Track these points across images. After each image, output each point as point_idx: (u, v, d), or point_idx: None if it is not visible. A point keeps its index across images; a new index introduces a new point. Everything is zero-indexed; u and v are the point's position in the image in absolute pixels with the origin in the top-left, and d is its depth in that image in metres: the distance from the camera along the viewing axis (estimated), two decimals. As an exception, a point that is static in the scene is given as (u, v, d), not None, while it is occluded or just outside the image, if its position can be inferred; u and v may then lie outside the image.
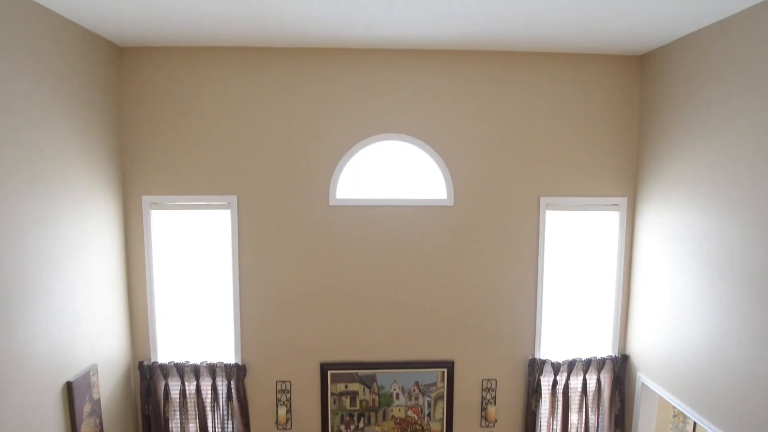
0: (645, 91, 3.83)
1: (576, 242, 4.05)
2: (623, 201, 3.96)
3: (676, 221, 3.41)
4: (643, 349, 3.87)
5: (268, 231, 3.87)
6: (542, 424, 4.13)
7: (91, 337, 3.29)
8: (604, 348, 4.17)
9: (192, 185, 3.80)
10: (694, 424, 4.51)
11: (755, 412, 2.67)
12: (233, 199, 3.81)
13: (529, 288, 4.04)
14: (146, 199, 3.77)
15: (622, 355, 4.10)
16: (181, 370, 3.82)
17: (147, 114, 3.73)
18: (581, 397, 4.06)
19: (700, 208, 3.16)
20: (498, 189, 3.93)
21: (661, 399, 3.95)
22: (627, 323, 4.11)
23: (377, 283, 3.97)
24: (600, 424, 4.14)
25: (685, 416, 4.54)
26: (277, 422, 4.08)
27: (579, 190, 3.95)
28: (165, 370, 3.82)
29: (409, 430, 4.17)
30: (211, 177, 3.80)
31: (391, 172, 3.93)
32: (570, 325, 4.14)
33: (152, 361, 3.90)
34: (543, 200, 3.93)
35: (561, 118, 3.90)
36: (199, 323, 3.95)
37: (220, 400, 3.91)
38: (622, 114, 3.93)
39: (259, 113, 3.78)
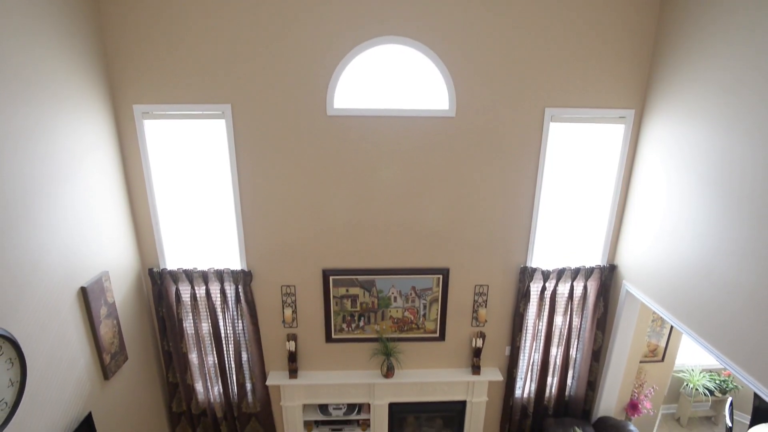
0: (670, -10, 3.48)
1: (577, 155, 3.99)
2: (630, 113, 3.82)
3: (681, 136, 3.32)
4: (631, 259, 4.03)
5: (266, 141, 3.79)
6: (529, 324, 4.45)
7: (99, 246, 3.41)
8: (594, 258, 4.34)
9: (183, 94, 3.63)
10: (671, 328, 4.87)
11: (734, 320, 2.84)
12: (227, 108, 3.67)
13: (526, 199, 4.07)
14: (137, 108, 3.64)
15: (610, 264, 4.27)
16: (190, 275, 4.02)
17: (129, 15, 3.42)
18: (567, 301, 4.32)
19: (708, 123, 3.06)
20: (502, 98, 3.76)
21: (643, 305, 4.21)
22: (619, 235, 4.22)
23: (376, 192, 3.99)
24: (583, 326, 4.46)
25: (663, 321, 4.88)
26: (283, 321, 4.41)
27: (586, 101, 3.78)
28: (174, 275, 4.02)
29: (405, 328, 4.52)
30: (202, 85, 3.61)
31: (391, 80, 3.74)
32: (563, 235, 4.25)
33: (161, 267, 4.09)
34: (548, 111, 3.79)
35: (573, 23, 3.58)
36: (203, 232, 4.06)
37: (229, 302, 4.17)
38: (639, 21, 3.60)
39: (249, 14, 3.47)
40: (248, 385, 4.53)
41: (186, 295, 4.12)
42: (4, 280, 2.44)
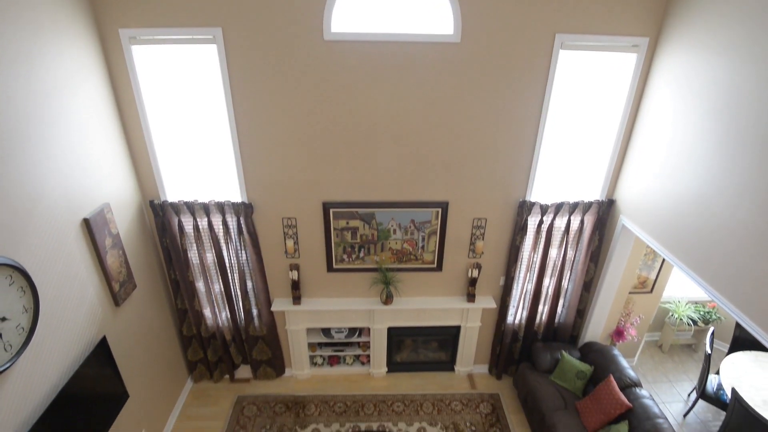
0: None
1: (585, 85, 3.83)
2: (644, 42, 3.60)
3: (695, 68, 3.16)
4: (630, 194, 4.03)
5: (260, 68, 3.61)
6: (524, 256, 4.56)
7: (98, 178, 3.40)
8: (593, 193, 4.34)
9: (171, 16, 3.40)
10: (663, 261, 4.99)
11: (728, 255, 2.89)
12: (218, 32, 3.46)
13: (530, 132, 3.98)
14: (123, 33, 3.43)
15: (608, 199, 4.28)
16: (191, 207, 4.05)
17: None
18: (563, 235, 4.39)
19: (723, 56, 2.90)
20: (511, 23, 3.52)
21: (637, 239, 4.28)
22: (620, 170, 4.18)
23: (376, 123, 3.89)
24: (576, 258, 4.57)
25: (655, 255, 4.99)
26: (286, 252, 4.52)
27: (599, 27, 3.55)
28: (176, 207, 4.05)
29: (404, 259, 4.64)
30: (191, 5, 3.38)
31: (393, 2, 3.48)
32: (564, 169, 4.21)
33: (162, 200, 4.11)
34: (558, 38, 3.57)
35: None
36: (201, 163, 4.03)
37: (232, 234, 4.25)
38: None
39: None
40: (254, 311, 4.76)
41: (189, 227, 4.18)
42: (6, 213, 2.47)
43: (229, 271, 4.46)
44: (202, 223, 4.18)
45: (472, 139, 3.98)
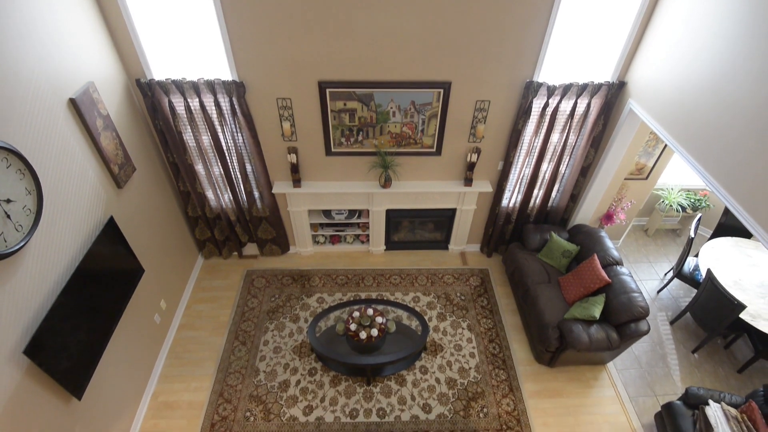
0: None
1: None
2: None
3: None
4: (642, 77, 3.81)
5: None
6: (525, 141, 4.50)
7: (77, 55, 3.18)
8: (604, 74, 4.11)
9: None
10: (664, 146, 4.93)
11: (729, 143, 2.84)
12: None
13: (544, 6, 3.61)
14: None
15: (620, 81, 4.06)
16: (180, 86, 3.86)
17: None
18: (567, 119, 4.27)
19: None
20: None
21: (642, 125, 4.17)
22: (636, 50, 3.89)
23: (375, -5, 3.51)
24: (578, 143, 4.51)
25: (656, 142, 4.90)
26: (283, 135, 4.44)
27: None
28: (164, 87, 3.85)
29: (403, 143, 4.59)
30: None
31: None
32: (576, 48, 3.92)
33: (148, 78, 3.89)
34: None
35: None
36: (185, 38, 3.71)
37: (226, 115, 4.12)
38: None
39: None
40: (256, 194, 4.86)
41: (180, 108, 4.04)
42: (-14, 92, 2.36)
43: (227, 153, 4.43)
44: (194, 103, 4.02)
45: (481, 13, 3.61)
